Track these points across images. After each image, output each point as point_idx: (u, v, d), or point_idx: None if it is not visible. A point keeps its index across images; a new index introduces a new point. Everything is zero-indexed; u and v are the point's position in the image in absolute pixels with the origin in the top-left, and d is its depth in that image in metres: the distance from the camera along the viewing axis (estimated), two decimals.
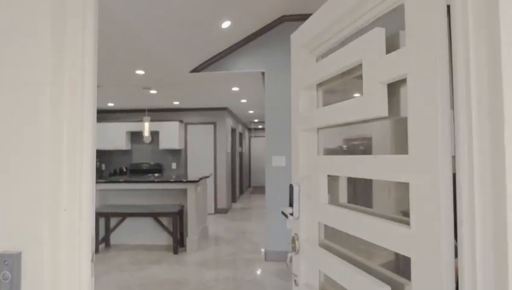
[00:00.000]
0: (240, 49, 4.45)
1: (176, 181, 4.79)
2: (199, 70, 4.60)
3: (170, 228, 4.83)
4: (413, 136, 0.72)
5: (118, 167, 7.95)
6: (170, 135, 7.54)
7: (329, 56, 1.03)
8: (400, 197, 0.81)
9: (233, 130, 9.14)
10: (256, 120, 11.28)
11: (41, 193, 0.70)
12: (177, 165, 7.90)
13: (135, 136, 7.93)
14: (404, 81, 0.76)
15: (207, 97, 6.56)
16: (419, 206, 0.70)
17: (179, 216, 4.81)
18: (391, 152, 0.89)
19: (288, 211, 1.24)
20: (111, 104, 7.26)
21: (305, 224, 1.21)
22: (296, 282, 1.23)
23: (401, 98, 0.82)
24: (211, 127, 7.87)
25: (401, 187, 0.80)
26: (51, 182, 0.70)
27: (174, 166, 7.90)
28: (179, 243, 4.74)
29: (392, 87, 0.82)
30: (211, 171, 7.82)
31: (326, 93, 1.20)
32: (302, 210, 1.22)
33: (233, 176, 9.14)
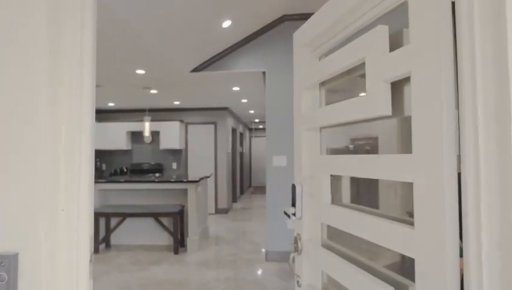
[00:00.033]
0: (241, 48, 4.44)
1: (177, 181, 4.78)
2: (200, 70, 4.59)
3: (171, 228, 4.82)
4: (417, 135, 0.71)
5: (119, 167, 7.95)
6: (171, 134, 7.54)
7: (332, 54, 1.02)
8: (406, 197, 0.80)
9: (233, 130, 9.14)
10: (256, 120, 11.27)
11: (38, 193, 0.69)
12: (178, 165, 7.90)
13: (136, 136, 7.93)
14: (408, 79, 0.74)
15: (207, 97, 6.56)
16: (423, 206, 0.69)
17: (180, 216, 4.81)
18: (397, 152, 0.88)
19: (291, 211, 1.23)
20: (111, 104, 7.26)
21: (307, 224, 1.20)
22: (298, 283, 1.22)
23: (405, 97, 0.81)
24: (212, 127, 7.87)
25: (407, 187, 0.79)
26: (49, 182, 0.69)
27: (174, 166, 7.89)
28: (179, 243, 4.73)
29: (395, 86, 0.81)
30: (211, 171, 7.82)
31: (329, 92, 1.19)
32: (304, 210, 1.20)
33: (234, 176, 9.14)
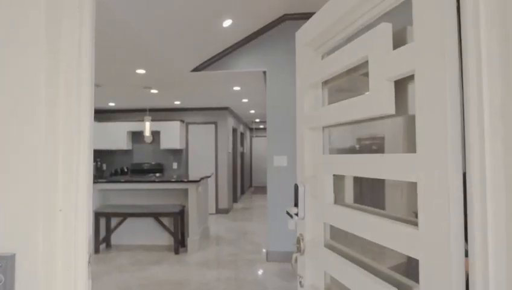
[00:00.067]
0: (241, 48, 4.43)
1: (177, 181, 4.77)
2: (200, 70, 4.59)
3: (171, 228, 4.81)
4: (421, 134, 0.70)
5: (119, 167, 7.95)
6: (171, 134, 7.54)
7: (334, 53, 1.01)
8: (410, 197, 0.79)
9: (234, 130, 9.13)
10: (257, 120, 11.27)
11: (36, 193, 0.68)
12: (178, 165, 7.89)
13: (136, 136, 7.93)
14: (412, 77, 0.73)
15: (208, 97, 6.55)
16: (427, 206, 0.68)
17: (180, 216, 4.80)
18: (401, 151, 0.86)
19: (293, 211, 1.22)
20: (112, 104, 7.26)
21: (310, 224, 1.19)
22: (301, 283, 1.21)
23: (409, 95, 0.80)
24: (212, 126, 7.86)
25: (411, 187, 0.78)
26: (46, 182, 0.68)
27: (175, 166, 7.88)
28: (179, 243, 4.73)
29: (399, 84, 0.80)
30: (212, 171, 7.81)
31: (332, 91, 1.18)
32: (307, 210, 1.19)
33: (235, 176, 9.13)
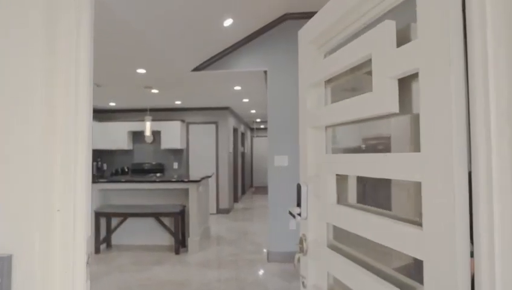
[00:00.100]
0: (242, 47, 4.42)
1: (178, 181, 4.76)
2: (201, 69, 4.58)
3: (172, 228, 4.81)
4: (425, 134, 0.68)
5: (120, 167, 7.95)
6: (172, 134, 7.53)
7: (337, 51, 1.00)
8: (418, 198, 0.77)
9: (235, 129, 9.12)
10: (258, 120, 11.26)
11: (33, 193, 0.67)
12: (179, 165, 7.89)
13: (137, 136, 7.93)
14: (416, 75, 0.72)
15: (209, 96, 6.54)
16: (432, 206, 0.67)
17: (181, 216, 4.79)
18: (405, 150, 0.85)
19: (296, 211, 1.21)
20: (112, 104, 7.26)
21: (313, 224, 1.18)
22: (304, 284, 1.20)
23: (413, 94, 0.78)
24: (213, 126, 7.86)
25: (415, 187, 0.77)
26: (44, 182, 0.68)
27: (175, 166, 7.88)
28: (180, 243, 4.72)
29: (403, 82, 0.79)
30: (212, 171, 7.80)
31: (335, 90, 1.17)
32: (310, 210, 1.18)
33: (236, 176, 9.12)
